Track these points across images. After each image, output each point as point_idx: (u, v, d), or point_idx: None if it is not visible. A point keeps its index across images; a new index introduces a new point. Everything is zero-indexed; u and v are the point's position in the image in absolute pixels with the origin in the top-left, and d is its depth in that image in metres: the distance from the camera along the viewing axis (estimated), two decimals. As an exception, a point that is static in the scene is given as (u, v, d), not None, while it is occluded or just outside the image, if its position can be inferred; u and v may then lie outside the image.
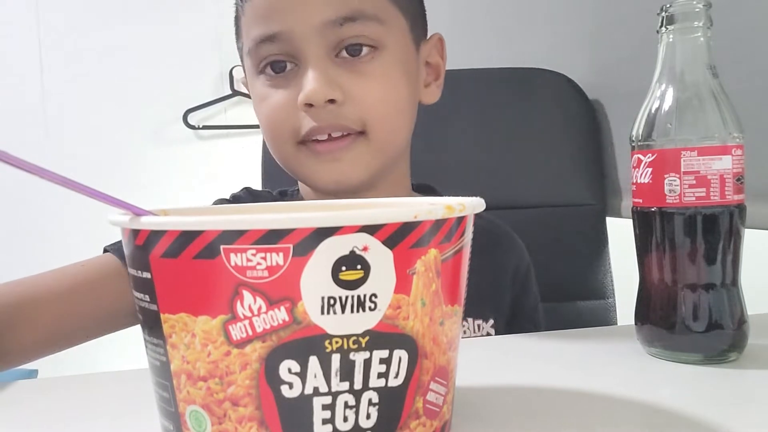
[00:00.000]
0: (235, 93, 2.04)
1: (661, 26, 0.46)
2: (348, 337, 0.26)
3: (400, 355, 0.28)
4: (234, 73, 2.06)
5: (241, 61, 0.62)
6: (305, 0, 0.52)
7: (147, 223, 0.27)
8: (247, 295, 0.26)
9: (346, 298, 0.26)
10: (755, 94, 0.67)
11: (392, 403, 0.28)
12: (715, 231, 0.44)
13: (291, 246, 0.25)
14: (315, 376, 0.26)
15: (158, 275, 0.28)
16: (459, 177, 0.93)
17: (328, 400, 0.27)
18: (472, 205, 0.31)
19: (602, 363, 0.46)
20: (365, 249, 0.26)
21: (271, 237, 0.25)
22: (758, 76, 0.68)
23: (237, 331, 0.26)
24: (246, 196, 0.70)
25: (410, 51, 0.58)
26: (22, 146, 1.69)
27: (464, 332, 0.62)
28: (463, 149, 0.94)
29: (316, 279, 0.26)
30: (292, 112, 0.54)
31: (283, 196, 0.72)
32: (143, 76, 2.04)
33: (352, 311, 0.26)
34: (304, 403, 0.27)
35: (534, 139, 0.95)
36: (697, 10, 0.45)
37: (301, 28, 0.52)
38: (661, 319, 0.46)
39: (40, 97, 2.02)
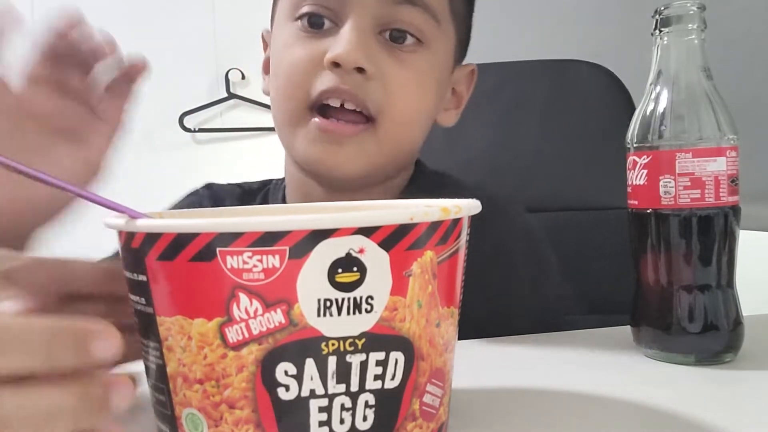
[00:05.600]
0: (231, 96, 2.04)
1: (655, 29, 0.47)
2: (344, 339, 0.26)
3: (397, 357, 0.28)
4: (230, 75, 2.06)
5: (274, 3, 0.56)
6: None
7: (143, 226, 0.27)
8: (243, 298, 0.26)
9: (342, 300, 0.26)
10: (749, 96, 0.68)
11: (388, 405, 0.28)
12: (710, 232, 0.44)
13: (287, 248, 0.25)
14: (311, 379, 0.26)
15: (154, 278, 0.28)
16: (488, 176, 0.85)
17: (324, 402, 0.27)
18: (468, 206, 0.31)
19: (598, 365, 0.46)
20: (361, 251, 0.26)
21: (267, 239, 0.25)
22: (752, 78, 0.69)
23: (233, 334, 0.26)
24: (204, 191, 0.68)
25: (448, 65, 0.55)
26: (17, 150, 1.67)
27: None
28: (492, 148, 0.87)
29: (312, 281, 0.26)
30: (315, 68, 0.49)
31: (264, 186, 0.68)
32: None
33: (348, 313, 0.26)
34: (300, 405, 0.27)
35: (569, 137, 0.86)
36: (691, 12, 0.45)
37: None
38: (657, 320, 0.46)
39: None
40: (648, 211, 0.46)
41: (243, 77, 2.08)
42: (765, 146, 0.68)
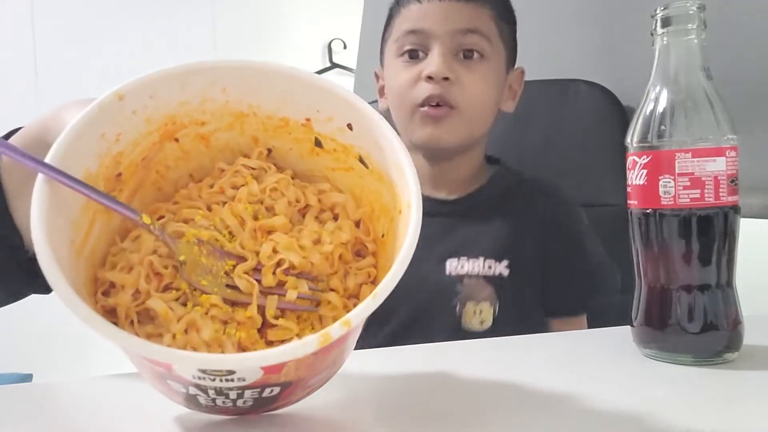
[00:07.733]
0: (231, 96, 2.04)
1: (655, 28, 0.47)
2: (221, 388, 0.32)
3: (273, 388, 0.33)
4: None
5: (382, 48, 0.82)
6: (448, 12, 0.74)
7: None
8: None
9: (214, 380, 0.30)
10: (749, 96, 0.68)
11: (266, 401, 0.34)
12: (710, 232, 0.44)
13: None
14: (195, 390, 0.32)
15: None
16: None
17: (209, 400, 0.33)
18: (357, 315, 0.31)
19: (598, 364, 0.46)
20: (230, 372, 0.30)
21: None
22: (752, 78, 0.69)
23: None
24: None
25: (502, 70, 0.79)
26: (17, 150, 1.66)
27: (473, 270, 0.72)
28: (501, 155, 0.92)
29: (185, 373, 0.31)
30: (417, 83, 0.74)
31: None
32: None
33: (222, 381, 0.31)
34: (190, 397, 0.33)
35: (568, 145, 0.96)
36: (690, 12, 0.45)
37: (439, 29, 0.73)
38: (657, 320, 0.46)
39: (35, 99, 2.01)
40: (648, 211, 0.46)
41: (243, 77, 2.08)
42: (765, 146, 0.68)
